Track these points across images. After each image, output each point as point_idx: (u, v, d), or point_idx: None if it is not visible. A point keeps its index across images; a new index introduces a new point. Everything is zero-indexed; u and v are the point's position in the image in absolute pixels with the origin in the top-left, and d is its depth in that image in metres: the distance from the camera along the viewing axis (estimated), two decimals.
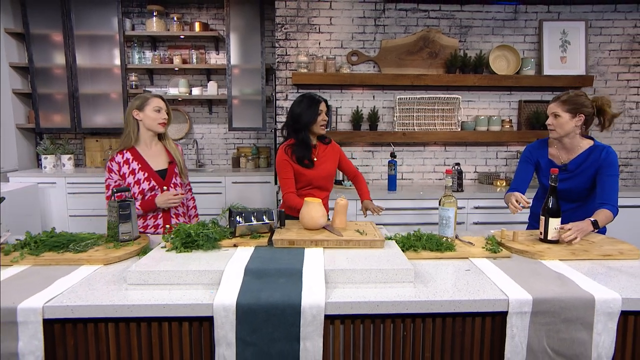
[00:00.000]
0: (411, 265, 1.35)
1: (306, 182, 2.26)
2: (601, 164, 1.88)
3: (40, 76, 4.10)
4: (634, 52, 3.68)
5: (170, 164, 2.18)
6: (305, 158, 2.22)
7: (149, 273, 1.30)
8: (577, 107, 1.87)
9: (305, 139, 2.21)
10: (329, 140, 2.38)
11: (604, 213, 1.78)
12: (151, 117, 2.09)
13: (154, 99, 2.12)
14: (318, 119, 2.19)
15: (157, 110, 2.11)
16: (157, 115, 2.11)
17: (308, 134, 2.23)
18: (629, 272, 1.45)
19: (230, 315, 1.17)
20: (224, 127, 4.51)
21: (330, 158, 2.34)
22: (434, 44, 3.56)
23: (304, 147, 2.21)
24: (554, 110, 1.90)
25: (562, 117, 1.88)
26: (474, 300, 1.22)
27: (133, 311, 1.17)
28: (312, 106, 2.19)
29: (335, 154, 2.37)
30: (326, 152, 2.34)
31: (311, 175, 2.25)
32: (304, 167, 2.23)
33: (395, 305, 1.21)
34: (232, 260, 1.40)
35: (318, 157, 2.30)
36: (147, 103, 2.10)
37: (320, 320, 1.18)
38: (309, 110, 2.18)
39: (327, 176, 2.31)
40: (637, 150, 3.82)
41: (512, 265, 1.50)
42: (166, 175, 2.15)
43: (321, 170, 2.28)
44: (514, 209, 1.85)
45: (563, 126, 1.89)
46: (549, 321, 1.22)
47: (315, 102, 2.20)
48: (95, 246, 1.61)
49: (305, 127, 2.20)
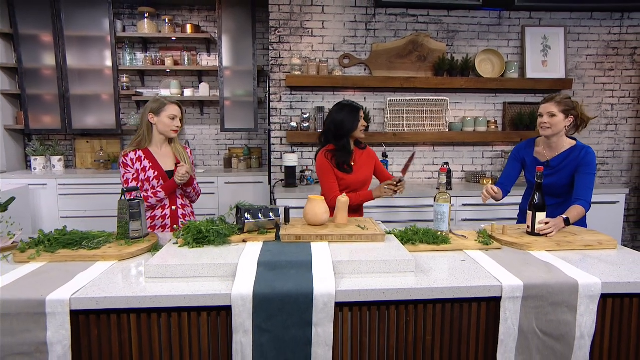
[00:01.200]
0: (412, 257, 1.45)
1: (344, 186, 2.32)
2: (580, 162, 2.03)
3: (30, 77, 4.08)
4: (609, 57, 3.89)
5: (176, 165, 2.24)
6: (345, 163, 2.30)
7: (166, 267, 1.37)
8: (569, 109, 2.02)
9: (347, 145, 2.31)
10: (365, 146, 2.46)
11: (577, 209, 1.93)
12: (165, 124, 2.15)
13: (171, 106, 2.17)
14: (359, 125, 2.29)
15: (172, 118, 2.16)
16: (171, 122, 2.17)
17: (349, 140, 2.33)
18: (607, 260, 1.59)
19: (248, 304, 1.25)
20: (215, 128, 4.56)
21: (367, 163, 2.42)
22: (422, 47, 3.70)
23: (345, 153, 2.30)
24: (551, 110, 2.01)
25: (557, 116, 2.01)
26: (471, 287, 1.33)
27: (155, 302, 1.24)
28: (353, 113, 2.28)
29: (371, 160, 2.44)
30: (363, 157, 2.41)
31: (350, 180, 2.32)
32: (344, 172, 2.31)
33: (400, 292, 1.31)
34: (244, 254, 1.48)
35: (355, 162, 2.37)
36: (163, 109, 2.15)
37: (331, 307, 1.27)
38: (350, 117, 2.27)
39: (364, 180, 2.37)
40: (612, 150, 4.03)
41: (504, 256, 1.62)
42: (172, 175, 2.20)
43: (359, 175, 2.35)
44: (484, 197, 2.05)
45: (557, 125, 2.03)
46: (538, 305, 1.34)
47: (356, 109, 2.29)
48: (107, 243, 1.66)
49: (347, 133, 2.29)
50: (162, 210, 2.17)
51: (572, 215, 1.90)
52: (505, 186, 2.24)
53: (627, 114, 4.00)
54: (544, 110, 2.05)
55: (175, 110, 2.17)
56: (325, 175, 2.30)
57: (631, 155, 4.06)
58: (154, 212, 2.16)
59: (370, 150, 2.48)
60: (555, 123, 2.02)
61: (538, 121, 2.10)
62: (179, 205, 2.21)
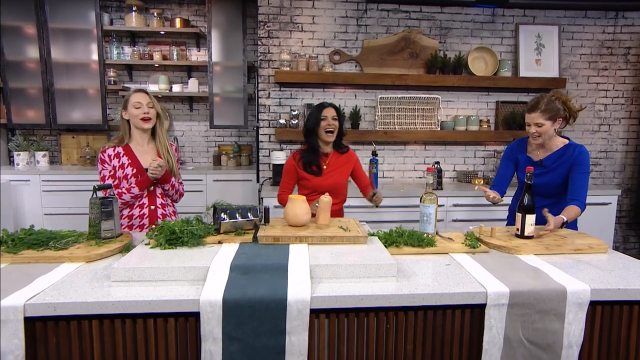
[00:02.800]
0: (394, 260, 1.39)
1: (311, 188, 2.25)
2: (574, 162, 2.00)
3: (12, 70, 3.96)
4: (603, 56, 3.84)
5: None
6: (312, 164, 2.21)
7: (134, 270, 1.29)
8: (555, 114, 1.98)
9: (314, 145, 2.21)
10: (346, 150, 2.33)
11: (573, 209, 1.90)
12: (132, 114, 2.07)
13: (134, 94, 2.08)
14: (322, 124, 2.16)
15: (137, 107, 2.07)
16: (137, 111, 2.07)
17: (317, 140, 2.22)
18: (597, 265, 1.53)
19: (217, 310, 1.18)
20: (204, 125, 4.47)
21: (343, 167, 2.30)
22: (414, 44, 3.63)
23: (311, 153, 2.21)
24: (537, 121, 1.98)
25: (545, 124, 1.98)
26: (454, 294, 1.27)
27: (118, 307, 1.16)
28: (316, 111, 2.17)
29: (349, 164, 2.33)
30: (340, 160, 2.30)
31: (315, 182, 2.23)
32: (311, 173, 2.22)
33: (379, 298, 1.24)
34: (218, 256, 1.40)
35: (328, 166, 2.27)
36: (128, 100, 2.07)
37: (305, 314, 1.20)
38: (312, 115, 2.18)
39: (333, 185, 2.25)
40: (605, 150, 3.99)
41: (490, 260, 1.56)
42: None
43: (328, 179, 2.25)
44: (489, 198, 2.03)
45: (547, 132, 2.00)
46: (525, 312, 1.28)
47: (320, 107, 2.18)
48: (76, 244, 1.58)
49: (309, 133, 2.20)
50: (140, 210, 2.08)
51: (570, 216, 1.86)
52: (501, 187, 2.20)
53: (620, 114, 3.95)
54: (530, 121, 2.01)
55: (139, 97, 2.07)
56: (284, 173, 2.29)
57: (624, 156, 4.02)
58: (132, 211, 2.08)
59: (352, 154, 2.36)
60: (544, 131, 2.00)
61: (526, 129, 2.06)
62: (158, 204, 2.13)
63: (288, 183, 2.29)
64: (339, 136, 2.29)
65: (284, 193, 2.29)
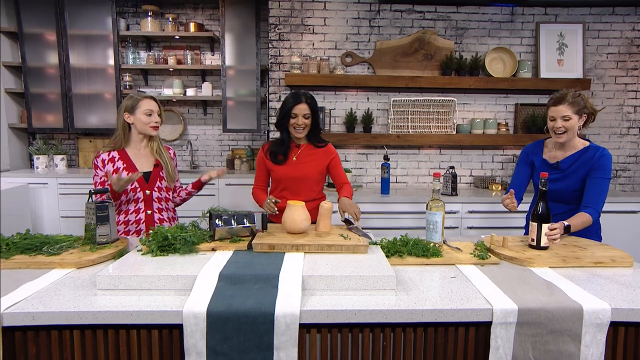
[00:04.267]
0: (393, 272, 1.29)
1: (275, 179, 2.15)
2: (593, 166, 1.85)
3: (33, 75, 4.07)
4: (632, 55, 3.63)
5: (156, 166, 2.11)
6: (278, 154, 2.10)
7: (120, 278, 1.25)
8: (581, 108, 1.85)
9: (284, 138, 2.11)
10: (324, 145, 2.18)
11: (582, 217, 1.74)
12: (142, 121, 2.03)
13: (145, 101, 2.03)
14: (291, 121, 2.05)
15: (148, 114, 2.02)
16: (149, 119, 2.03)
17: (287, 134, 2.12)
18: (620, 280, 1.39)
19: (201, 323, 1.12)
20: (218, 129, 4.47)
21: (314, 161, 2.14)
22: (429, 45, 3.52)
23: (280, 145, 2.12)
24: (565, 113, 1.83)
25: (572, 118, 1.84)
26: (457, 310, 1.17)
27: (99, 318, 1.12)
28: (288, 104, 2.03)
29: (323, 159, 2.15)
30: (312, 154, 2.14)
31: (280, 173, 2.11)
32: (276, 163, 2.11)
33: (373, 314, 1.16)
34: (208, 265, 1.35)
35: (298, 157, 2.12)
36: (137, 106, 2.02)
37: (294, 329, 1.13)
38: (284, 108, 2.05)
39: (301, 177, 2.11)
40: (635, 155, 3.76)
41: (500, 273, 1.44)
42: (150, 177, 2.09)
43: (295, 170, 2.10)
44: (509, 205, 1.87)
45: (573, 128, 1.85)
46: (535, 332, 1.17)
47: (294, 100, 2.02)
48: (70, 249, 1.56)
49: (279, 125, 2.10)
50: (136, 215, 2.05)
51: (574, 223, 1.71)
52: (517, 193, 2.04)
53: None
54: (556, 114, 1.85)
55: (150, 105, 2.03)
56: (256, 166, 2.23)
57: None
58: (127, 217, 2.05)
59: (330, 149, 2.18)
60: (570, 126, 1.84)
61: (550, 125, 1.90)
62: (155, 209, 2.08)
63: (260, 176, 2.21)
64: (315, 131, 2.13)
65: (257, 187, 2.21)
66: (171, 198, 2.21)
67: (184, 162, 4.47)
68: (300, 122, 2.04)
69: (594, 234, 1.93)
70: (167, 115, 4.42)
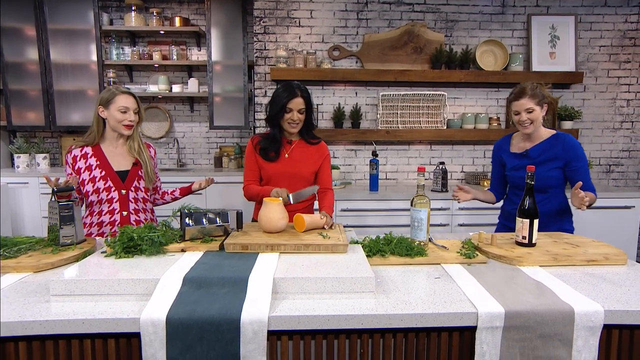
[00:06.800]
0: (372, 273, 1.21)
1: (266, 177, 1.99)
2: (569, 158, 1.90)
3: (12, 71, 3.93)
4: (625, 48, 3.57)
5: (134, 165, 1.99)
6: (269, 150, 1.96)
7: (75, 282, 1.15)
8: (542, 99, 1.90)
9: (275, 134, 1.95)
10: (317, 142, 2.05)
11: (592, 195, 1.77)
12: (115, 118, 1.88)
13: (122, 96, 1.89)
14: (285, 116, 1.90)
15: (122, 112, 1.88)
16: (122, 116, 1.89)
17: (280, 130, 1.97)
18: (614, 280, 1.31)
19: (160, 331, 1.03)
20: (205, 126, 4.36)
21: (308, 159, 2.01)
22: (418, 38, 3.43)
23: (271, 141, 1.96)
24: (528, 106, 1.88)
25: (536, 110, 1.88)
26: (438, 314, 1.08)
27: (47, 328, 1.02)
28: (282, 98, 1.88)
29: (317, 158, 2.03)
30: (305, 151, 2.02)
31: (272, 170, 1.97)
32: (267, 159, 1.96)
33: (348, 319, 1.07)
34: (173, 267, 1.25)
35: (290, 154, 2.00)
36: (113, 100, 1.88)
37: (262, 336, 1.04)
38: (277, 102, 1.89)
39: (293, 176, 1.98)
40: (628, 150, 3.70)
41: (487, 272, 1.36)
42: (127, 177, 1.97)
43: (288, 168, 1.97)
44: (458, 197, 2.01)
45: (537, 119, 1.90)
46: (524, 337, 1.09)
47: (289, 94, 1.87)
48: (30, 251, 1.45)
49: (271, 120, 1.94)
50: (110, 216, 1.92)
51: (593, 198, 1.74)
52: (497, 189, 2.16)
53: None
54: (520, 108, 1.90)
55: (127, 102, 1.89)
56: (245, 160, 2.03)
57: None
58: (101, 218, 1.93)
59: (323, 147, 2.07)
60: (535, 117, 1.90)
61: (515, 119, 1.96)
62: (131, 210, 1.96)
63: (252, 170, 2.00)
64: (308, 127, 2.01)
65: (250, 183, 2.01)
66: (150, 199, 2.10)
67: (171, 160, 4.36)
68: (295, 118, 1.90)
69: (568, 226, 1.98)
70: (152, 112, 4.31)
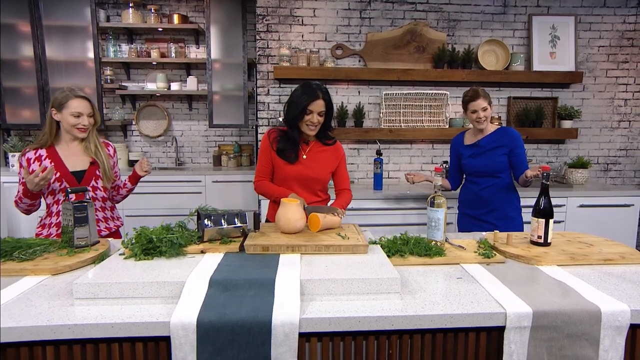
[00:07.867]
0: (398, 274, 1.21)
1: (282, 177, 1.95)
2: (512, 146, 2.29)
3: (7, 69, 3.85)
4: (623, 48, 3.62)
5: (92, 164, 1.94)
6: (288, 152, 1.92)
7: (99, 285, 1.13)
8: (489, 98, 2.30)
9: (293, 136, 1.90)
10: (334, 142, 2.02)
11: None
12: (68, 122, 1.84)
13: (75, 100, 1.83)
14: (305, 118, 1.85)
15: (75, 116, 1.84)
16: (76, 120, 1.84)
17: (297, 132, 1.91)
18: (634, 279, 1.33)
19: (190, 334, 1.02)
20: (204, 124, 4.33)
21: (325, 160, 1.98)
22: (421, 37, 3.44)
23: (287, 143, 1.91)
24: (484, 105, 2.27)
25: (488, 108, 2.29)
26: (468, 314, 1.09)
27: (75, 332, 1.00)
28: (303, 100, 1.83)
29: (334, 158, 2.00)
30: (322, 152, 1.99)
31: (289, 172, 1.93)
32: (285, 160, 1.92)
33: (379, 321, 1.07)
34: (197, 269, 1.24)
35: (308, 155, 1.96)
36: (65, 105, 1.83)
37: (293, 339, 1.03)
38: (298, 104, 1.84)
39: (311, 179, 1.96)
40: (625, 149, 3.76)
41: (508, 272, 1.37)
42: (84, 177, 1.92)
43: (306, 169, 1.94)
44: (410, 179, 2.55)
45: (489, 115, 2.32)
46: (551, 337, 1.10)
47: (310, 96, 1.82)
48: (45, 253, 1.43)
49: (290, 123, 1.90)
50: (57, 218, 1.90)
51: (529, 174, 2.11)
52: (454, 177, 2.56)
53: None
54: (477, 107, 2.26)
55: (79, 107, 1.83)
56: (260, 155, 1.98)
57: None
58: (59, 219, 1.87)
59: (339, 147, 2.05)
60: (488, 114, 2.31)
61: (472, 117, 2.31)
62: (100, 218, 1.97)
63: (266, 167, 1.95)
64: (325, 129, 1.98)
65: (262, 179, 1.97)
66: (109, 197, 2.07)
67: (169, 158, 4.32)
68: (315, 120, 1.86)
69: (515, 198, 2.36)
70: (150, 110, 4.26)
